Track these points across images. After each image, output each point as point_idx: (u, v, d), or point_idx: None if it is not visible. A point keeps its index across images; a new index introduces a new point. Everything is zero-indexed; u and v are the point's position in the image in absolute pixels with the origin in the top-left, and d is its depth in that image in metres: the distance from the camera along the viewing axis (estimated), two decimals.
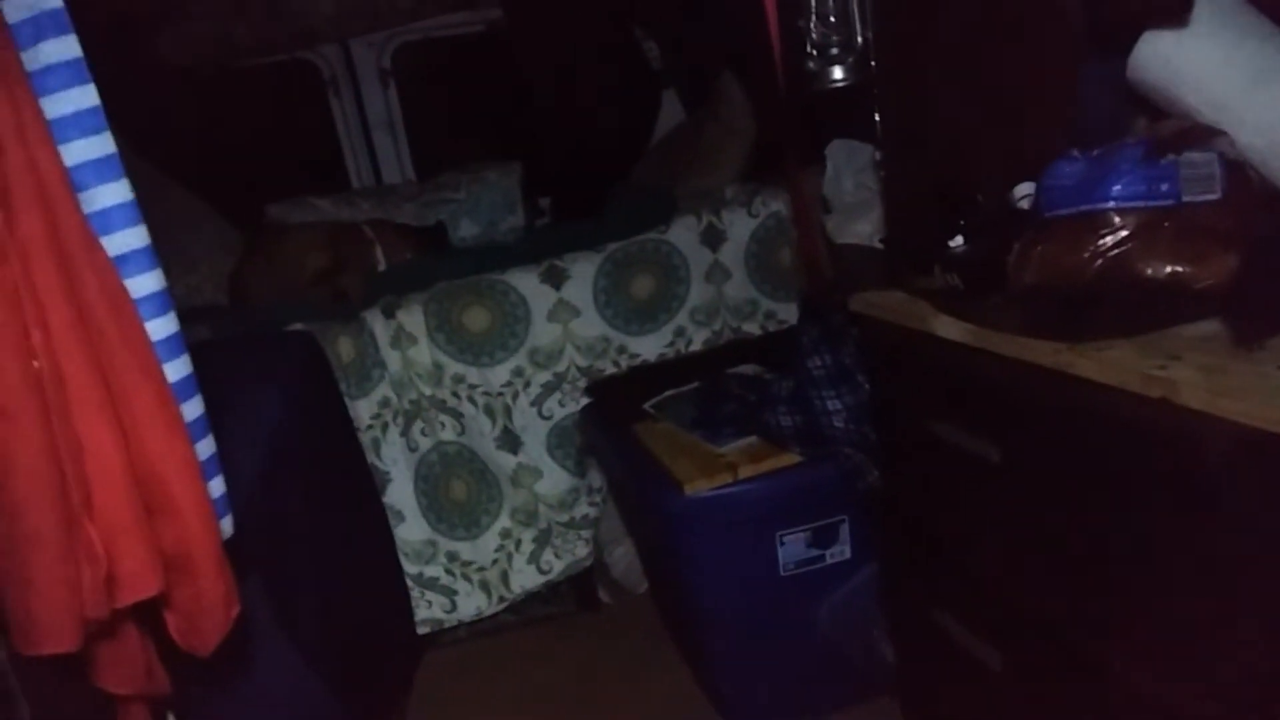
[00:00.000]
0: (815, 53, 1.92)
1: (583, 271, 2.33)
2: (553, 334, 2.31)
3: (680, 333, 2.43)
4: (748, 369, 2.07)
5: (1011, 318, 1.13)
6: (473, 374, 2.25)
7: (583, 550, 2.38)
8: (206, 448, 0.76)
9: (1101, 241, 1.11)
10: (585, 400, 2.30)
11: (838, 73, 1.88)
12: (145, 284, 0.71)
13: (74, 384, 0.62)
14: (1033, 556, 1.10)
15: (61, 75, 0.67)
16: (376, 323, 2.20)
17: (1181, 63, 1.20)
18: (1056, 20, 1.40)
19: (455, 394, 2.25)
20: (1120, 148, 1.16)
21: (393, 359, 2.20)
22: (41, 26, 0.66)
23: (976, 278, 1.25)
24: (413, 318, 2.21)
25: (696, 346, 2.43)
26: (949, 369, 1.21)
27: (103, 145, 0.68)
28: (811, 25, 1.94)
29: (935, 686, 1.42)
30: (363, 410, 2.18)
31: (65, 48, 0.67)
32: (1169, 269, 1.07)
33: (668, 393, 2.03)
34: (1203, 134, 1.16)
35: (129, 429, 0.65)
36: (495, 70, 3.40)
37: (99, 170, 0.68)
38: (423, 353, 2.22)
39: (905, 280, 1.38)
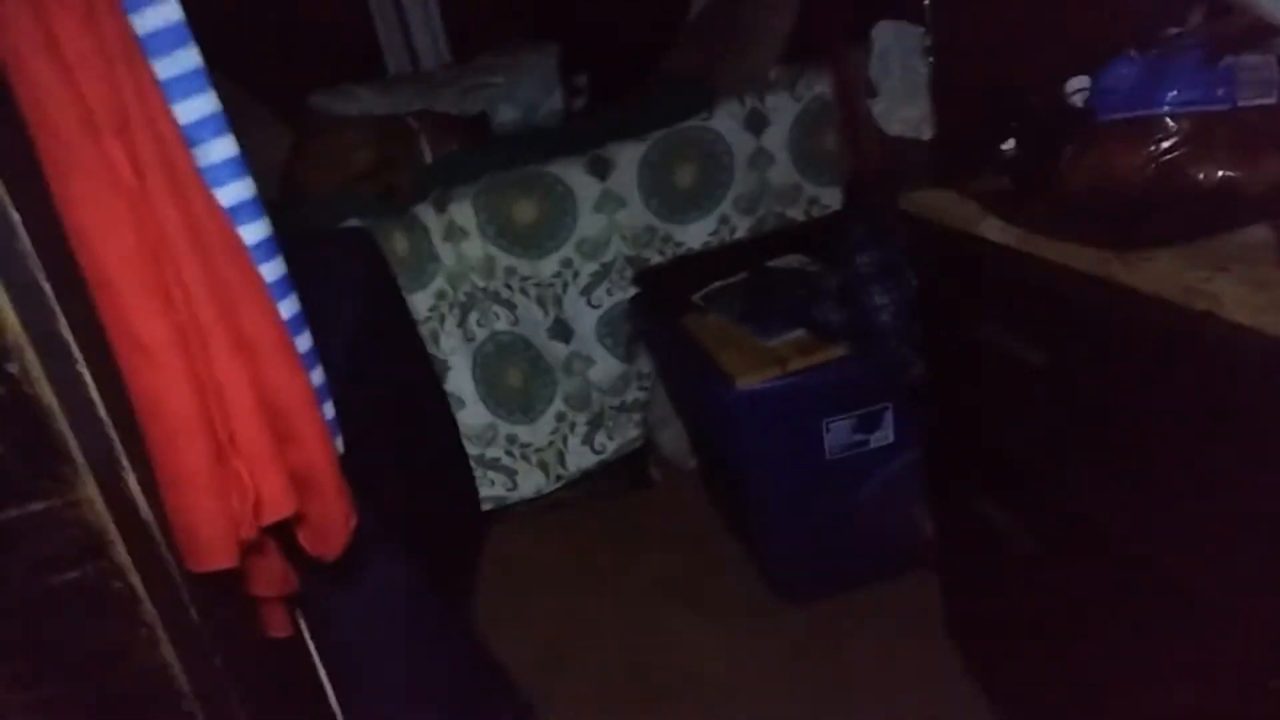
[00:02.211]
0: None
1: (627, 161, 2.35)
2: (599, 225, 2.35)
3: (725, 220, 2.45)
4: (794, 259, 2.11)
5: (1060, 223, 1.16)
6: (523, 266, 2.31)
7: (634, 431, 2.49)
8: (318, 376, 0.84)
9: (1155, 147, 1.12)
10: (633, 290, 2.36)
11: None
12: (256, 231, 0.77)
13: (210, 332, 0.69)
14: (1072, 454, 1.16)
15: (167, 39, 0.72)
16: (429, 217, 2.25)
17: None
18: None
19: (508, 285, 2.32)
20: (1178, 49, 1.15)
21: (446, 252, 2.26)
22: None
23: (1027, 181, 1.27)
24: (463, 212, 2.26)
25: (741, 234, 2.46)
26: (996, 271, 1.25)
27: (209, 103, 0.73)
28: None
29: (971, 564, 1.52)
30: (420, 303, 2.25)
31: (170, 11, 0.72)
32: (1221, 174, 1.08)
33: (715, 284, 2.08)
34: (1263, 32, 1.15)
35: (256, 368, 0.73)
36: None
37: (210, 127, 0.73)
38: (475, 246, 2.27)
39: (955, 180, 1.40)
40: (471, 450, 2.37)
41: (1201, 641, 1.01)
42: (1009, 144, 1.32)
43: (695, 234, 2.44)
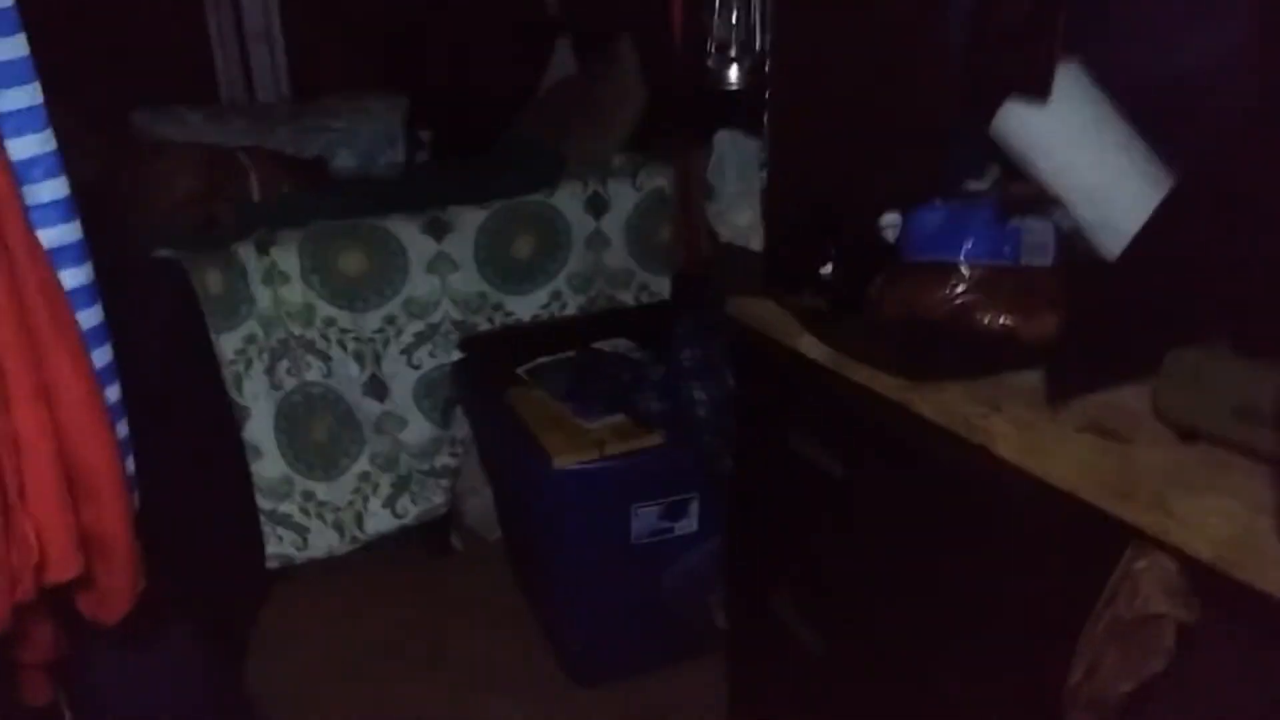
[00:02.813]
0: (715, 51, 2.00)
1: (466, 225, 2.35)
2: (430, 285, 2.33)
3: (557, 296, 2.49)
4: (620, 343, 2.17)
5: (866, 348, 1.26)
6: (345, 318, 2.25)
7: (440, 498, 2.44)
8: (123, 428, 0.79)
9: (950, 290, 1.25)
10: (458, 354, 2.34)
11: (733, 74, 1.98)
12: (77, 276, 0.72)
13: (13, 378, 0.65)
14: (861, 561, 1.25)
15: (8, 73, 0.68)
16: (249, 257, 2.15)
17: (1036, 132, 1.35)
18: (939, 70, 1.53)
19: (325, 336, 2.24)
20: (975, 206, 1.30)
21: (263, 296, 2.17)
22: None
23: (840, 304, 1.38)
24: (287, 256, 2.18)
25: (571, 311, 2.51)
26: (807, 384, 1.34)
27: (44, 143, 0.70)
28: (714, 24, 2.02)
29: (758, 656, 1.59)
30: (227, 344, 2.14)
31: (14, 46, 0.68)
32: (1003, 321, 1.22)
33: (542, 359, 2.10)
34: (1045, 201, 1.32)
35: (60, 420, 0.68)
36: None
37: (42, 166, 0.69)
38: (295, 292, 2.19)
39: (777, 293, 1.50)
40: (263, 504, 2.25)
41: None
42: (828, 268, 1.44)
43: (527, 306, 2.46)
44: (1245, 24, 1.20)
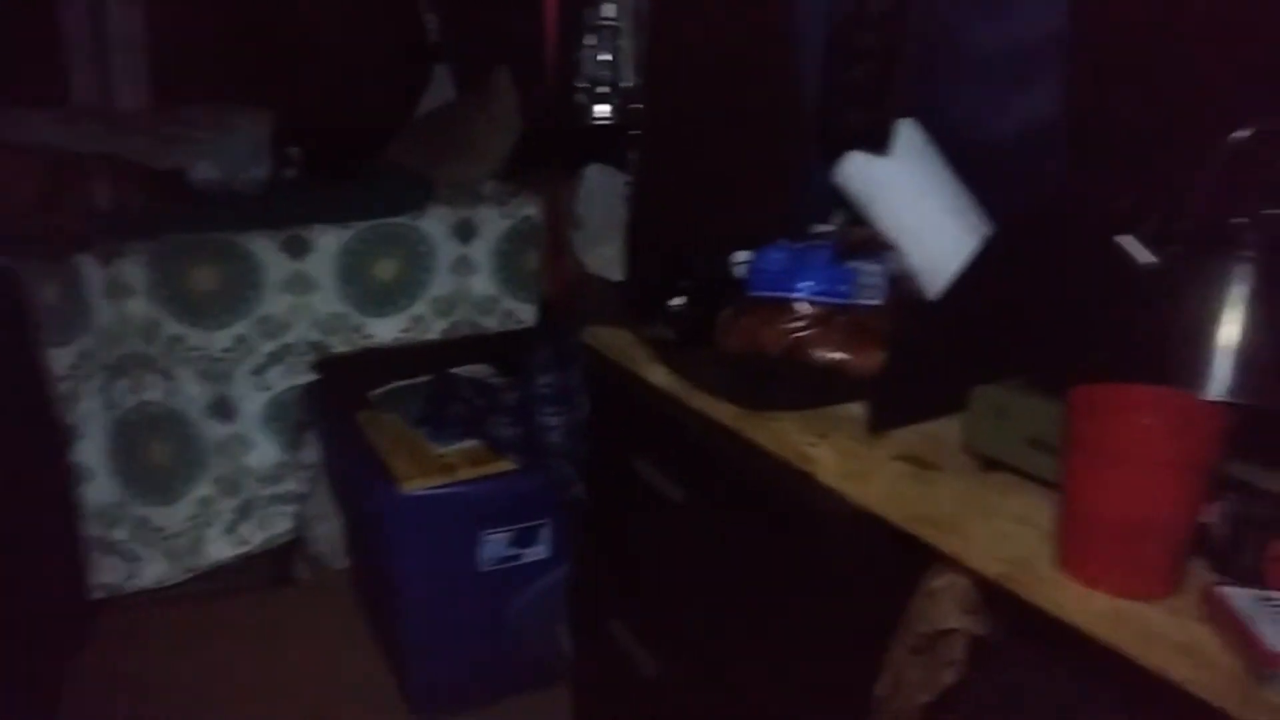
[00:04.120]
0: (585, 85, 2.05)
1: (327, 245, 2.31)
2: (285, 304, 2.26)
3: (419, 320, 2.46)
4: (479, 369, 2.16)
5: (709, 378, 1.31)
6: (193, 335, 2.16)
7: (285, 524, 2.35)
8: None
9: (789, 325, 1.32)
10: (312, 376, 2.28)
11: (602, 110, 2.03)
12: None
13: None
14: (695, 584, 1.28)
15: None
16: (91, 269, 2.05)
17: (873, 181, 1.44)
18: (792, 122, 1.62)
19: (169, 354, 2.15)
20: (816, 248, 1.37)
21: (104, 309, 2.06)
22: None
23: (688, 335, 1.42)
24: (133, 269, 2.09)
25: (433, 335, 2.48)
26: (654, 412, 1.37)
27: None
28: (585, 59, 2.06)
29: (601, 682, 1.60)
30: (61, 359, 2.02)
31: None
32: (836, 356, 1.29)
33: (397, 383, 2.07)
34: (879, 245, 1.40)
35: None
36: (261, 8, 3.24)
37: None
38: (139, 307, 2.10)
39: (632, 324, 1.53)
40: (91, 529, 2.12)
41: None
42: (678, 300, 1.48)
43: (387, 329, 2.42)
44: (1054, 98, 1.32)
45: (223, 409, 2.22)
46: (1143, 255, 0.99)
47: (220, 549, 2.27)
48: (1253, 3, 1.08)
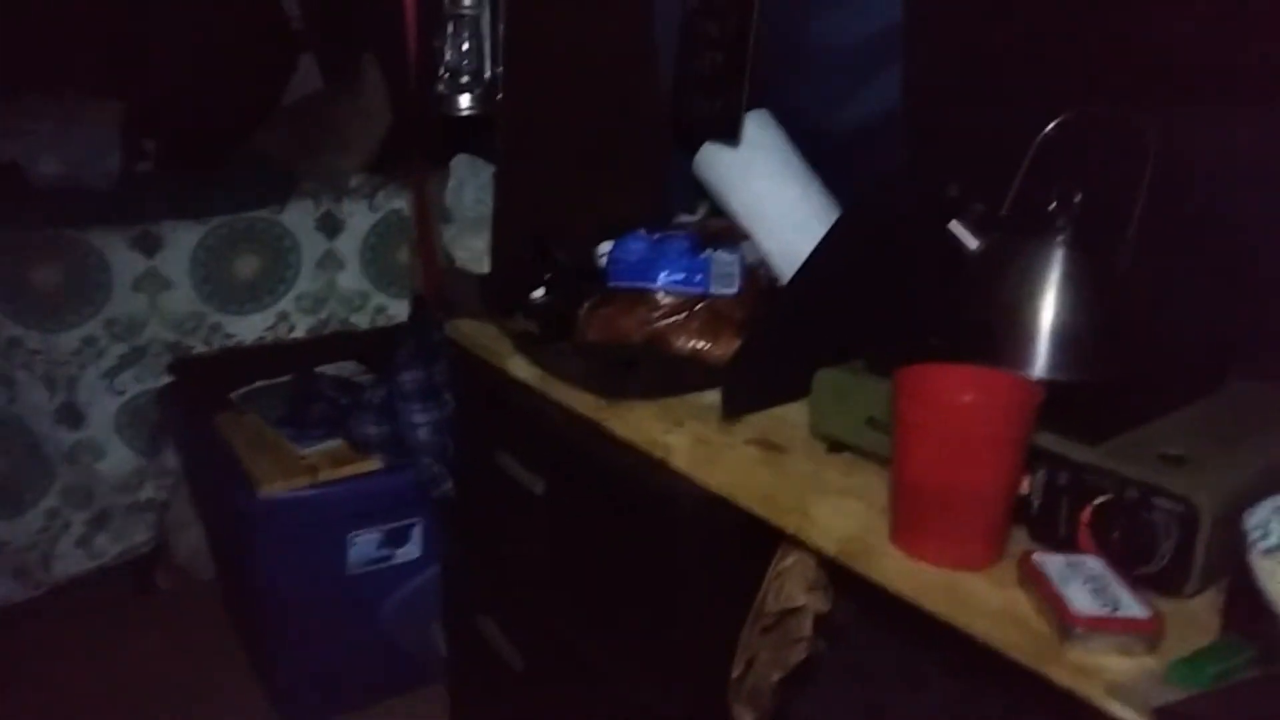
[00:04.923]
0: (447, 75, 2.01)
1: (181, 242, 2.21)
2: (137, 304, 2.16)
3: (284, 317, 2.38)
4: (345, 367, 2.11)
5: (569, 368, 1.31)
6: (34, 338, 2.04)
7: (144, 534, 2.25)
8: None
9: (648, 315, 1.33)
10: (167, 378, 2.18)
11: (464, 101, 1.99)
12: None
13: None
14: (557, 576, 1.29)
15: None
16: None
17: (728, 170, 1.47)
18: (653, 112, 1.63)
19: (8, 359, 2.02)
20: (673, 237, 1.39)
21: None
22: None
23: (551, 327, 1.42)
24: None
25: (300, 334, 2.41)
26: (516, 405, 1.36)
27: None
28: (445, 49, 2.02)
29: (474, 681, 1.58)
30: None
31: None
32: (693, 345, 1.31)
33: (258, 383, 2.00)
34: (735, 234, 1.43)
35: None
36: None
37: None
38: None
39: (496, 316, 1.52)
40: None
41: None
42: (539, 292, 1.48)
43: (250, 328, 2.33)
44: (897, 92, 1.37)
45: (70, 415, 2.11)
46: (969, 240, 1.03)
47: (73, 562, 2.16)
48: None
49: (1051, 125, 0.99)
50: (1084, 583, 0.75)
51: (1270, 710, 0.56)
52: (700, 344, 1.30)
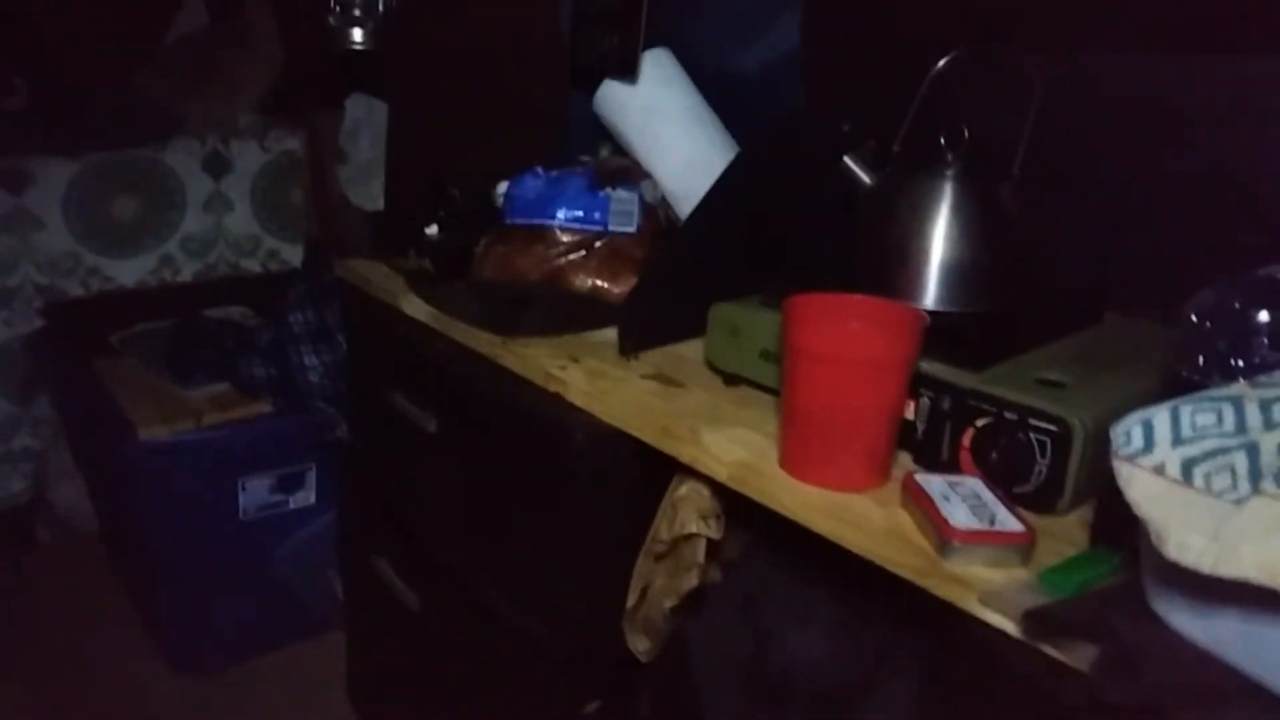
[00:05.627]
0: (338, 9, 1.93)
1: (52, 179, 2.08)
2: (5, 244, 2.03)
3: (168, 261, 2.27)
4: (235, 311, 2.03)
5: (464, 307, 1.28)
6: None
7: (19, 485, 2.13)
8: None
9: (546, 253, 1.31)
10: (40, 322, 2.06)
11: (357, 35, 1.91)
12: None
13: None
14: (449, 514, 1.27)
15: None
16: None
17: (627, 109, 1.45)
18: (552, 51, 1.59)
19: None
20: (571, 175, 1.36)
21: None
22: None
23: (445, 265, 1.39)
24: None
25: (186, 278, 2.30)
26: (409, 344, 1.33)
27: None
28: None
29: (369, 624, 1.56)
30: None
31: None
32: (591, 283, 1.30)
33: (139, 326, 1.91)
34: (635, 173, 1.41)
35: None
36: None
37: None
38: None
39: (389, 255, 1.48)
40: None
41: (541, 685, 1.15)
42: (432, 229, 1.44)
43: (130, 271, 2.22)
44: (795, 37, 1.38)
45: None
46: (863, 176, 1.04)
47: None
48: None
49: (942, 62, 1.01)
50: (963, 501, 0.77)
51: (1126, 607, 0.59)
52: (599, 282, 1.29)
